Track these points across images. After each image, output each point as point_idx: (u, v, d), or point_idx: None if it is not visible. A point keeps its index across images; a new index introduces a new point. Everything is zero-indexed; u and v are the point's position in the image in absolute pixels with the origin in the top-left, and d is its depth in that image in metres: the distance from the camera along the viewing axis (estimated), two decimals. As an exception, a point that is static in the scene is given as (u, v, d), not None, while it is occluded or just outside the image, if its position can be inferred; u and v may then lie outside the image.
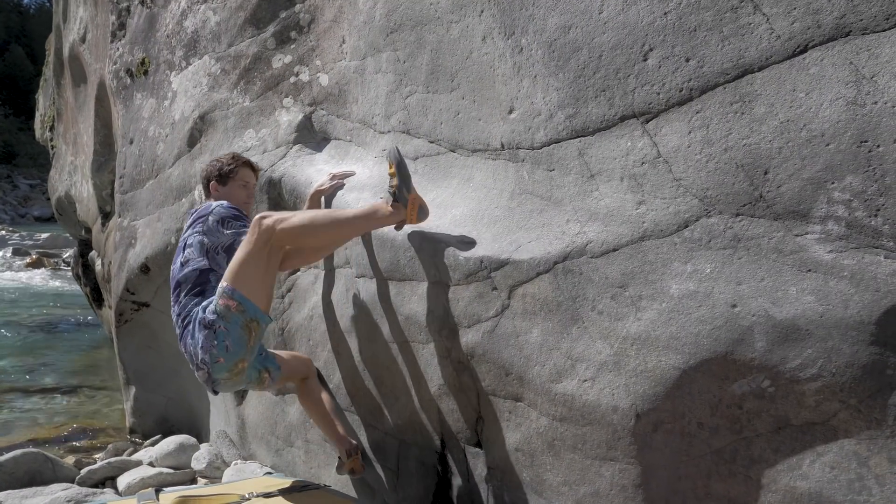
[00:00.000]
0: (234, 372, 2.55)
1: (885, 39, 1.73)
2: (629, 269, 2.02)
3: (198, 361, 2.55)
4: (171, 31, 4.52)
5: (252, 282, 2.44)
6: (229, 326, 2.45)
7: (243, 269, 2.44)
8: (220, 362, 2.50)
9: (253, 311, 2.46)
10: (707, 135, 1.94)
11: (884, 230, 1.70)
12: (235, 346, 2.48)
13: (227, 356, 2.49)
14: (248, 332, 2.48)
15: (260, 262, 2.44)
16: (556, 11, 2.27)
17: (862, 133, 1.73)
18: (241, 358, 2.53)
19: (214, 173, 3.02)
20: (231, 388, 2.68)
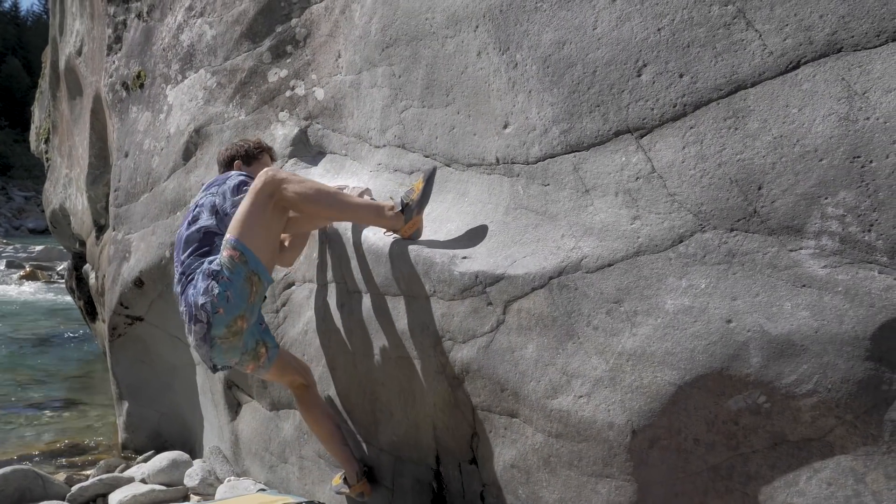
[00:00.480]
0: (233, 331, 2.51)
1: (876, 56, 1.74)
2: (624, 285, 2.01)
3: (196, 312, 2.50)
4: (167, 44, 4.52)
5: (255, 234, 2.48)
6: (232, 277, 2.45)
7: (247, 220, 2.48)
8: (219, 313, 2.46)
9: (255, 264, 2.47)
10: (701, 150, 1.94)
11: (878, 245, 1.71)
12: (236, 297, 2.47)
13: (228, 307, 2.46)
14: (249, 286, 2.48)
15: (264, 214, 2.49)
16: (551, 27, 2.28)
17: (855, 148, 1.74)
18: (241, 314, 2.50)
19: (241, 153, 3.09)
20: (228, 356, 2.59)
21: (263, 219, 2.49)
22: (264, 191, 2.48)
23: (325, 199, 2.54)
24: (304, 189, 2.50)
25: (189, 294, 2.56)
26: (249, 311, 2.53)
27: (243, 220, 2.48)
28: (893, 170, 1.69)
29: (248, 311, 2.53)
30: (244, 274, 2.46)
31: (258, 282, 2.50)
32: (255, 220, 2.48)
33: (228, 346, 2.56)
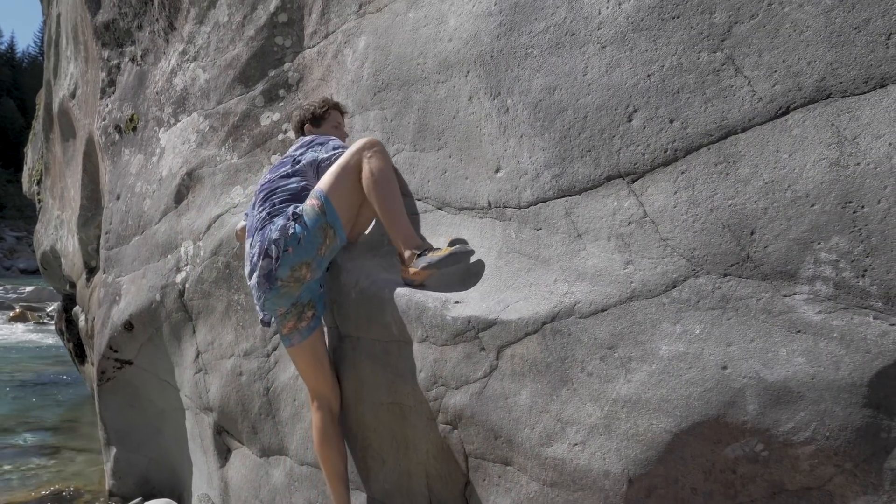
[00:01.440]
0: (296, 276, 2.61)
1: (864, 102, 1.76)
2: (618, 330, 1.99)
3: (268, 247, 2.59)
4: (160, 88, 4.55)
5: (340, 191, 2.61)
6: (309, 223, 2.58)
7: (336, 177, 2.63)
8: (288, 252, 2.57)
9: (332, 217, 2.59)
10: (693, 195, 1.95)
11: (872, 291, 1.70)
12: (307, 243, 2.57)
13: (297, 249, 2.57)
14: (322, 236, 2.59)
15: (351, 176, 2.62)
16: (541, 73, 2.30)
17: (846, 194, 1.74)
18: (308, 261, 2.59)
19: (308, 116, 3.15)
20: (280, 301, 2.68)
21: (350, 180, 2.63)
22: (355, 156, 2.63)
23: (384, 190, 2.60)
24: (379, 169, 2.60)
25: (267, 230, 2.65)
26: (317, 262, 2.63)
27: (332, 176, 2.64)
28: (885, 215, 1.69)
29: (316, 261, 2.63)
30: (321, 223, 2.58)
31: (332, 236, 2.61)
32: (343, 179, 2.62)
33: (285, 292, 2.65)
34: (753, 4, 1.92)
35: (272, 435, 3.25)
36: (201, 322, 3.74)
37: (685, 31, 2.01)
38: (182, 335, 3.93)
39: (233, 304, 3.50)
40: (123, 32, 5.20)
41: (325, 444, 2.77)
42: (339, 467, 2.78)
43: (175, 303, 3.89)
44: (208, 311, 3.67)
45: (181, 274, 3.87)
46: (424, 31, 2.80)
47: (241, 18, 3.96)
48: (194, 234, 3.83)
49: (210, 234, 3.71)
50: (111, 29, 5.30)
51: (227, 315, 3.55)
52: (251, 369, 3.33)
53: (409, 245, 2.56)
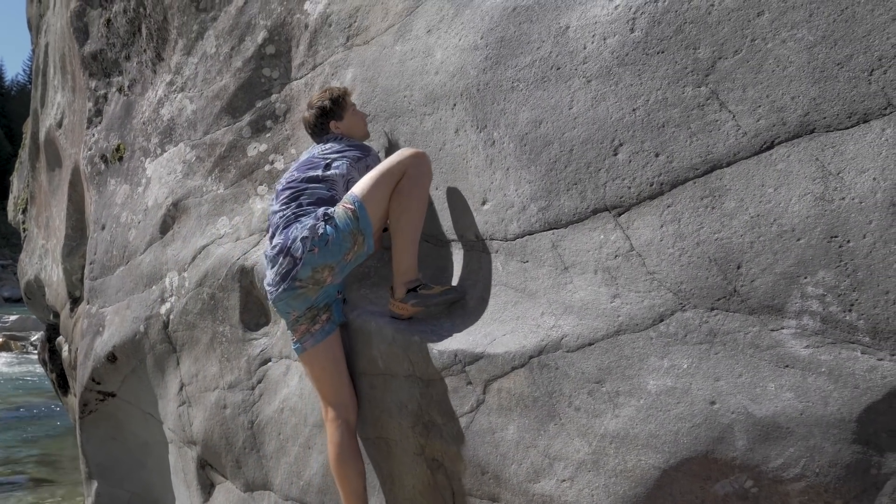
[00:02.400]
0: (316, 279, 2.52)
1: (848, 137, 1.77)
2: (605, 364, 1.98)
3: (291, 245, 2.51)
4: (147, 118, 4.54)
5: (376, 200, 2.51)
6: (341, 226, 2.48)
7: (374, 185, 2.51)
8: (313, 252, 2.48)
9: (365, 224, 2.49)
10: (679, 229, 1.94)
11: (859, 325, 1.70)
12: (335, 246, 2.48)
13: (323, 251, 2.48)
14: (351, 242, 2.50)
15: (388, 187, 2.51)
16: (527, 106, 2.31)
17: (832, 228, 1.74)
18: (332, 264, 2.51)
19: (329, 108, 2.92)
20: (295, 303, 2.59)
21: (388, 189, 2.52)
22: (399, 167, 2.51)
23: (413, 214, 2.51)
24: (417, 190, 2.51)
25: (292, 228, 2.56)
26: (340, 267, 2.54)
27: (371, 182, 2.52)
28: (871, 249, 1.69)
29: (339, 266, 2.54)
30: (351, 229, 2.49)
31: (361, 243, 2.52)
32: (381, 188, 2.51)
33: (302, 293, 2.56)
34: (737, 40, 1.94)
35: (256, 469, 3.19)
36: (185, 354, 3.69)
37: (670, 65, 2.03)
38: (166, 367, 3.88)
39: (217, 336, 3.46)
40: (111, 62, 5.20)
41: (342, 461, 2.54)
42: (357, 486, 2.54)
43: (159, 334, 3.84)
44: (192, 342, 3.63)
45: (166, 305, 3.83)
46: (411, 63, 2.82)
47: (228, 50, 3.97)
48: (179, 265, 3.80)
49: (195, 264, 3.67)
50: (99, 59, 5.30)
51: (211, 347, 3.50)
52: (235, 402, 3.28)
53: (406, 279, 2.50)
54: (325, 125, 2.94)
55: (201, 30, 4.18)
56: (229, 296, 3.43)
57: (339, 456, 2.55)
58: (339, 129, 2.92)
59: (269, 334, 3.24)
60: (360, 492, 2.56)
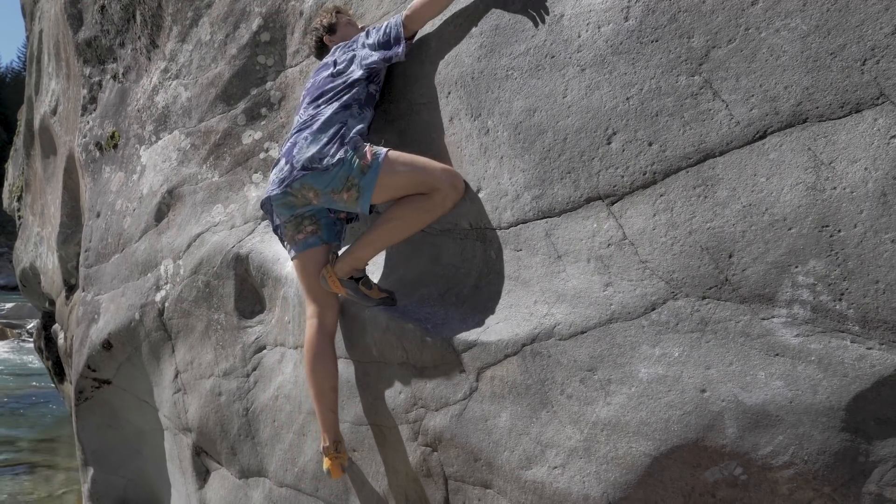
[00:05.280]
0: (304, 194, 2.52)
1: (840, 127, 1.77)
2: (598, 352, 1.99)
3: (296, 153, 2.52)
4: (142, 105, 4.53)
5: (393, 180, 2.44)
6: (344, 164, 2.44)
7: (406, 166, 2.44)
8: (306, 173, 2.47)
9: (367, 185, 2.43)
10: (671, 218, 1.95)
11: (849, 314, 1.71)
12: (327, 175, 2.46)
13: (314, 177, 2.47)
14: (342, 186, 2.45)
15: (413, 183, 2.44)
16: (522, 95, 2.31)
17: (823, 218, 1.75)
18: (317, 189, 2.49)
19: (324, 30, 3.00)
20: (281, 210, 2.62)
21: (409, 185, 2.45)
22: (435, 182, 2.42)
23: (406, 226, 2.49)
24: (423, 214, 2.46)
25: (305, 134, 2.56)
26: (326, 199, 2.51)
27: (405, 164, 2.45)
28: (861, 239, 1.70)
29: (325, 198, 2.51)
30: (350, 176, 2.44)
31: (353, 197, 2.46)
32: (405, 178, 2.44)
33: (290, 202, 2.58)
34: (731, 29, 1.94)
35: (251, 456, 3.21)
36: (181, 341, 3.70)
37: (664, 54, 2.03)
38: (161, 354, 3.88)
39: (212, 324, 3.47)
40: (105, 49, 5.17)
41: (311, 357, 2.61)
42: (323, 385, 2.59)
43: (154, 322, 3.85)
44: (188, 330, 3.63)
45: (161, 293, 3.83)
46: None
47: (223, 37, 3.95)
48: (174, 253, 3.80)
49: (190, 252, 3.68)
50: (93, 46, 5.27)
51: (206, 334, 3.51)
52: (230, 389, 3.29)
53: (356, 265, 2.52)
54: (323, 45, 3.02)
55: (196, 17, 4.16)
56: (224, 283, 3.44)
57: (308, 352, 2.63)
58: (334, 42, 2.96)
59: (264, 322, 3.25)
60: (325, 390, 2.59)
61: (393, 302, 2.55)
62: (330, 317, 2.66)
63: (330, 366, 2.61)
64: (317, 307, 2.66)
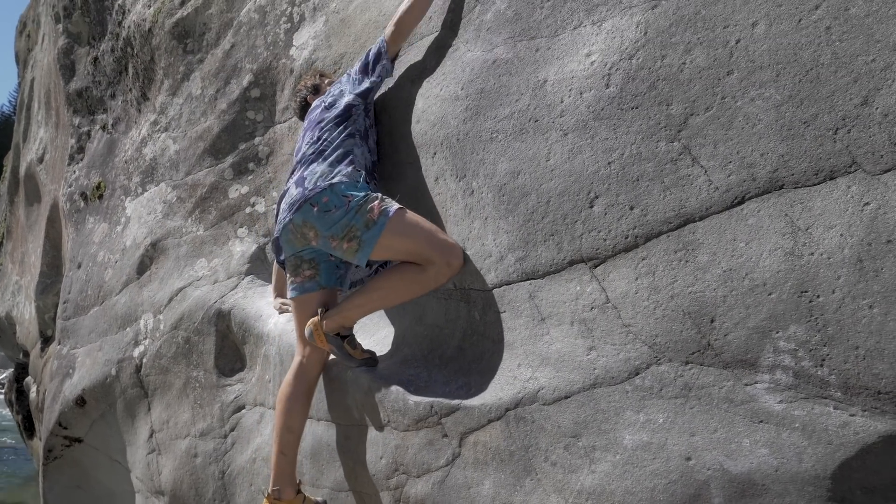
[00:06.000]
0: (304, 232, 2.50)
1: (816, 193, 1.80)
2: (582, 418, 1.97)
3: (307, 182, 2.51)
4: (129, 156, 4.54)
5: (395, 242, 2.42)
6: (350, 213, 2.42)
7: (407, 232, 2.42)
8: (312, 208, 2.45)
9: (370, 238, 2.40)
10: (653, 281, 1.96)
11: (831, 380, 1.71)
12: (332, 221, 2.43)
13: (321, 215, 2.45)
14: (344, 237, 2.42)
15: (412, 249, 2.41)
16: (506, 157, 2.34)
17: (802, 283, 1.76)
18: (317, 231, 2.47)
19: (311, 90, 3.05)
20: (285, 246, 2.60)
21: (408, 250, 2.43)
22: (431, 255, 2.38)
23: (397, 295, 2.47)
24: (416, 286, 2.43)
25: (319, 166, 2.56)
26: (324, 243, 2.49)
27: (410, 227, 2.43)
28: (840, 305, 1.71)
29: (324, 242, 2.48)
30: (355, 225, 2.41)
31: (353, 248, 2.43)
32: (406, 242, 2.42)
33: (290, 238, 2.56)
34: (708, 97, 1.99)
35: (227, 519, 3.12)
36: (157, 399, 3.63)
37: (644, 121, 2.07)
38: (136, 412, 3.80)
39: (191, 381, 3.41)
40: (96, 100, 5.21)
41: (286, 397, 2.57)
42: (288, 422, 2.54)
43: (131, 378, 3.78)
44: (165, 387, 3.57)
45: (139, 348, 3.77)
46: (394, 111, 2.85)
47: (214, 92, 4.00)
48: (155, 307, 3.76)
49: (171, 307, 3.64)
50: (84, 96, 5.32)
51: (184, 392, 3.45)
52: (207, 451, 3.22)
53: (344, 324, 2.50)
54: (308, 105, 3.07)
55: (187, 71, 4.22)
56: (205, 340, 3.40)
57: (283, 389, 2.60)
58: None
59: (244, 380, 3.20)
60: (286, 428, 2.54)
61: (375, 363, 2.53)
62: (315, 362, 2.63)
63: (299, 407, 2.58)
64: (304, 350, 2.63)
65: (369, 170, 2.67)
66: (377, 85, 2.79)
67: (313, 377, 2.62)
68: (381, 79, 2.77)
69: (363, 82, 2.75)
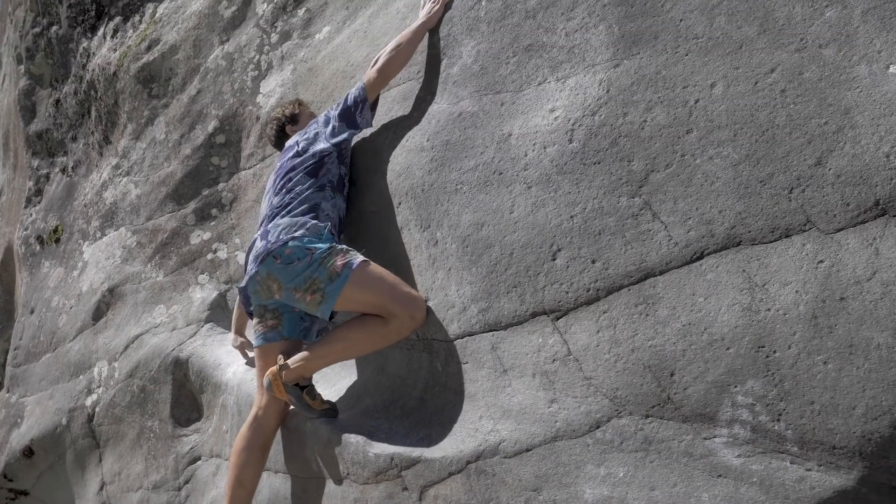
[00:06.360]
0: (265, 285, 2.50)
1: (772, 250, 1.85)
2: (543, 472, 1.95)
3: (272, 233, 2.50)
4: (89, 200, 4.47)
5: (358, 295, 2.41)
6: (312, 266, 2.41)
7: (372, 286, 2.41)
8: (275, 260, 2.44)
9: (333, 291, 2.39)
10: (615, 335, 1.97)
11: (787, 435, 1.72)
12: (293, 274, 2.42)
13: (280, 267, 2.44)
14: (305, 287, 2.41)
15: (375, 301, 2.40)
16: (470, 209, 2.36)
17: (759, 338, 1.79)
18: (281, 284, 2.46)
19: (286, 119, 3.02)
20: (253, 296, 2.59)
21: (371, 304, 2.42)
22: (394, 309, 2.38)
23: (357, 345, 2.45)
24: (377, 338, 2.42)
25: (282, 220, 2.55)
26: (288, 296, 2.47)
27: (374, 280, 2.42)
28: (796, 360, 1.74)
29: (287, 294, 2.47)
30: (318, 277, 2.40)
31: (316, 300, 2.42)
32: (371, 295, 2.41)
33: (257, 290, 2.55)
34: (668, 155, 2.04)
35: (177, 577, 3.00)
36: (109, 450, 3.51)
37: (606, 176, 2.11)
38: (87, 464, 3.67)
39: (145, 432, 3.31)
40: (56, 143, 5.15)
41: (241, 448, 2.52)
42: (240, 475, 2.50)
43: (83, 428, 3.65)
44: (118, 438, 3.45)
45: (92, 396, 3.66)
46: (360, 160, 2.87)
47: (178, 137, 3.99)
48: (110, 355, 3.66)
49: (127, 354, 3.55)
50: (44, 138, 5.25)
51: (138, 443, 3.34)
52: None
53: (304, 374, 2.46)
54: (283, 133, 3.04)
55: (152, 116, 4.20)
56: (161, 388, 3.31)
57: (240, 440, 2.56)
58: (295, 132, 2.99)
59: (201, 431, 3.12)
60: (239, 481, 2.50)
61: (335, 414, 2.49)
62: (273, 413, 2.58)
63: (253, 460, 2.54)
64: (262, 400, 2.59)
65: (338, 220, 2.66)
66: (355, 135, 2.79)
67: (270, 429, 2.57)
68: (360, 129, 2.76)
69: (342, 133, 2.72)
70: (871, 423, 1.63)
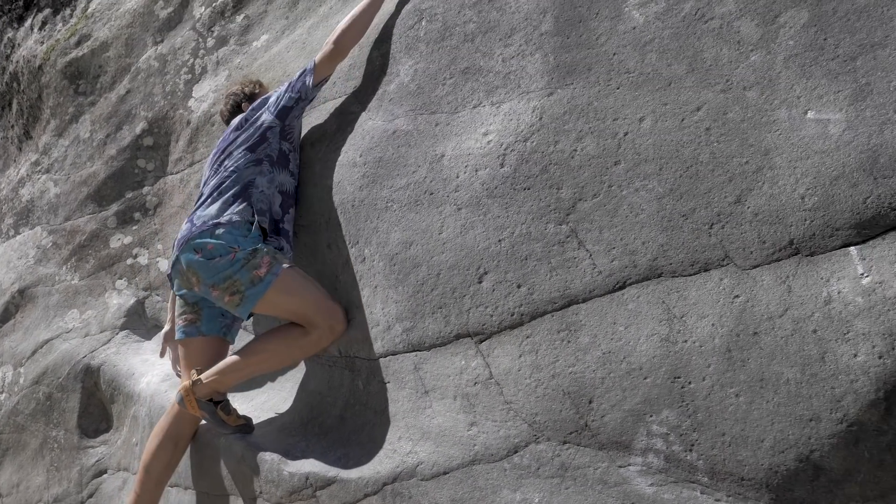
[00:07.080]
0: (188, 276, 2.43)
1: (691, 283, 1.89)
2: (459, 496, 1.93)
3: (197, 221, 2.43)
4: (4, 196, 4.26)
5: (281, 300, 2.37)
6: (236, 265, 2.34)
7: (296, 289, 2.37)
8: (196, 254, 2.37)
9: (253, 296, 2.33)
10: (536, 360, 1.98)
11: (699, 465, 1.76)
12: (215, 270, 2.35)
13: (205, 263, 2.36)
14: (227, 289, 2.35)
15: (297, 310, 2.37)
16: (399, 227, 2.34)
17: (675, 369, 1.83)
18: (201, 279, 2.39)
19: (244, 96, 2.89)
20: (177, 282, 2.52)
21: (293, 311, 2.38)
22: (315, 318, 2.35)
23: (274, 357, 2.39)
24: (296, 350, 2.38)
25: (209, 204, 2.47)
26: (205, 291, 2.40)
27: (298, 284, 2.38)
28: (709, 392, 1.78)
29: (205, 290, 2.40)
30: (238, 279, 2.34)
31: (236, 301, 2.36)
32: (294, 302, 2.37)
33: (178, 281, 2.49)
34: (595, 184, 2.07)
35: None
36: (8, 460, 3.31)
37: (534, 202, 2.13)
38: (-17, 474, 3.46)
39: (49, 442, 3.14)
40: (-28, 135, 4.90)
41: (155, 434, 2.46)
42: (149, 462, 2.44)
43: (-20, 436, 3.45)
44: (19, 447, 3.27)
45: (-7, 403, 3.46)
46: (290, 171, 2.82)
47: (103, 136, 3.84)
48: (16, 359, 3.47)
49: (35, 359, 3.37)
50: (-41, 130, 4.98)
51: (40, 453, 3.17)
52: (59, 519, 2.95)
53: (218, 388, 2.38)
54: (238, 110, 2.90)
55: (77, 113, 4.04)
56: (68, 397, 3.15)
57: (159, 431, 2.48)
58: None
59: (109, 442, 2.98)
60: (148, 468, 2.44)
61: (250, 430, 2.41)
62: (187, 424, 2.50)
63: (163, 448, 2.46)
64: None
65: (280, 197, 2.56)
66: (296, 103, 2.62)
67: (188, 422, 2.48)
68: (299, 96, 2.61)
69: (288, 103, 2.60)
70: (779, 455, 1.68)
